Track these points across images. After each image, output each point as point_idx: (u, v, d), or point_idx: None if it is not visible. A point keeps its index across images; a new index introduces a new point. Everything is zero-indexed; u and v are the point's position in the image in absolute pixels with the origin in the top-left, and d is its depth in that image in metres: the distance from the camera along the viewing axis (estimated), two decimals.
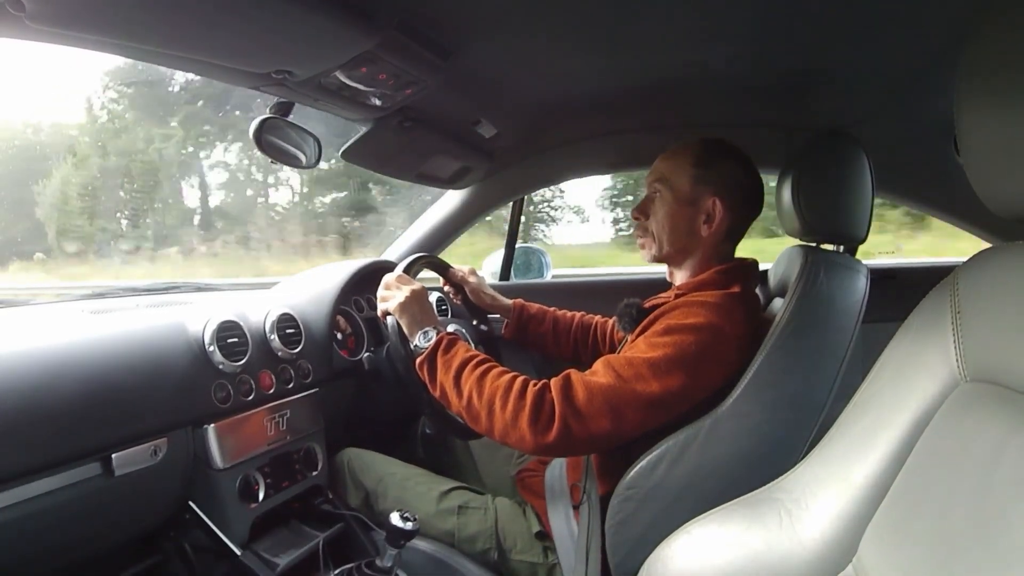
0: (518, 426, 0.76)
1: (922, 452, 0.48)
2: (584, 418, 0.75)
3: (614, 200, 4.66)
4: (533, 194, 2.34)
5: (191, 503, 0.85)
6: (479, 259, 1.72)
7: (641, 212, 0.96)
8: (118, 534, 0.80)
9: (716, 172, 0.90)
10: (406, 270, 0.98)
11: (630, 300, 0.91)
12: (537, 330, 1.21)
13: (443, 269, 1.20)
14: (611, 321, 1.17)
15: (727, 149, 0.92)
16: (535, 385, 0.78)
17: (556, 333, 1.21)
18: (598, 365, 0.80)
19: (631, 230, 1.02)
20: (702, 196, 0.90)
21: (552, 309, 1.24)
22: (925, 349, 0.51)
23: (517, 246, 1.66)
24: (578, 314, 1.23)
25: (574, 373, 0.80)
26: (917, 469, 0.48)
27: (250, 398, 0.91)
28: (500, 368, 0.82)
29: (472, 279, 1.20)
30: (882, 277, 1.31)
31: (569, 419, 0.75)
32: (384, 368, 1.04)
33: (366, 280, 1.20)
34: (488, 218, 1.68)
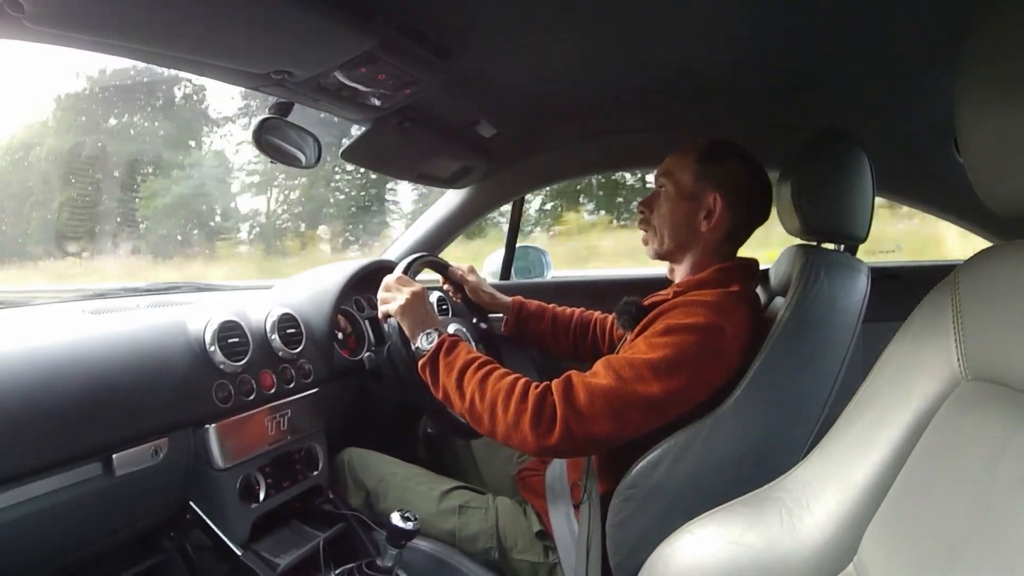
0: (520, 429, 0.76)
1: (923, 451, 0.48)
2: (586, 420, 0.75)
3: None
4: None
5: (192, 503, 0.86)
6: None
7: (646, 206, 0.97)
8: (119, 534, 0.80)
9: (719, 169, 0.90)
10: (406, 271, 0.99)
11: (629, 298, 0.91)
12: (536, 327, 1.21)
13: (443, 268, 1.20)
14: (610, 317, 1.17)
15: (734, 149, 0.92)
16: (536, 388, 0.78)
17: (555, 330, 1.21)
18: (599, 366, 0.80)
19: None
20: (703, 192, 0.90)
21: (551, 306, 1.24)
22: (926, 348, 0.51)
23: (518, 245, 1.66)
24: (577, 310, 1.23)
25: (575, 375, 0.79)
26: (918, 468, 0.48)
27: (251, 398, 0.91)
28: (502, 370, 0.82)
29: (471, 277, 1.20)
30: (883, 276, 1.31)
31: (571, 421, 0.75)
32: (385, 368, 1.05)
33: (366, 280, 1.20)
34: None
